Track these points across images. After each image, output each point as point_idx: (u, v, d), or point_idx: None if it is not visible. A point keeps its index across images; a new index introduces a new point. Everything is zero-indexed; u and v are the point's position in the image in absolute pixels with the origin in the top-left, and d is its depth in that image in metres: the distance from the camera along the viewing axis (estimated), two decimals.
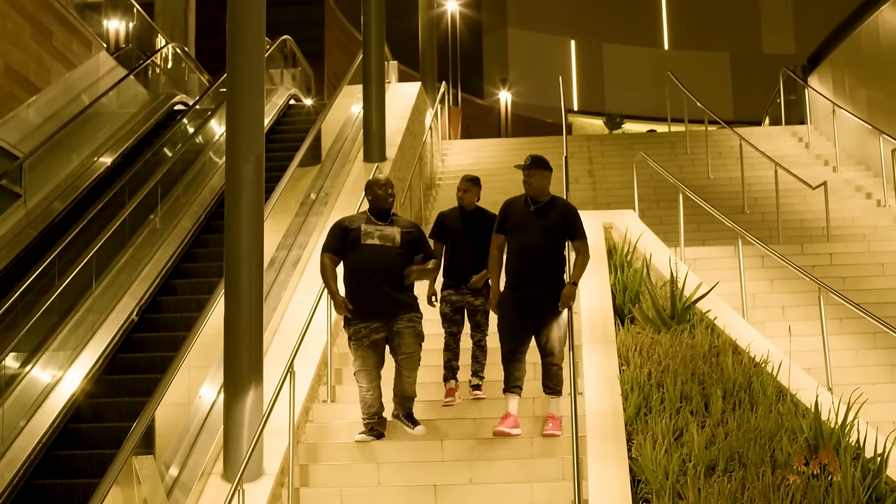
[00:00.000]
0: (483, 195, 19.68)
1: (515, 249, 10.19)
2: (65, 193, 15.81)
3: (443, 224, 11.46)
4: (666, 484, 8.69)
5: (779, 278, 14.26)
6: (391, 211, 10.42)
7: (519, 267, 10.13)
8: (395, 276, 10.08)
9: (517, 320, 10.08)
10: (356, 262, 10.12)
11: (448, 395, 11.06)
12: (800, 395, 10.25)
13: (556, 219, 10.18)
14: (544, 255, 10.07)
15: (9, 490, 10.24)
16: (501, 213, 10.47)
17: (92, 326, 12.57)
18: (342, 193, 16.01)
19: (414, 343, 10.04)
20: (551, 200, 10.35)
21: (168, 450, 10.26)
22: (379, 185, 10.39)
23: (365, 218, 10.32)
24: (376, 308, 10.02)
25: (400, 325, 10.01)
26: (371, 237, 10.12)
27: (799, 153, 21.89)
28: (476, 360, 11.17)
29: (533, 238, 10.10)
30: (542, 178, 10.34)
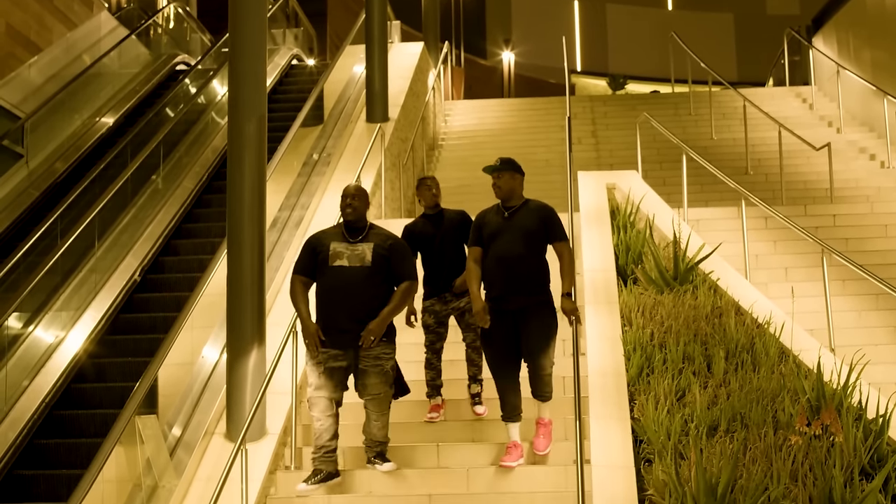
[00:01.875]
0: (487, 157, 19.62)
1: (492, 258, 9.34)
2: (67, 154, 15.79)
3: (411, 234, 10.44)
4: (668, 444, 8.71)
5: (782, 239, 14.23)
6: (365, 223, 9.28)
7: (497, 276, 9.29)
8: (362, 302, 8.93)
9: (504, 345, 9.24)
10: (323, 286, 9.06)
11: (432, 410, 10.30)
12: (802, 356, 10.25)
13: (532, 221, 9.39)
14: (523, 261, 9.25)
15: (12, 449, 10.28)
16: (475, 224, 9.62)
17: (94, 286, 12.57)
18: (344, 154, 15.98)
19: (380, 384, 8.96)
20: (524, 203, 9.55)
21: (171, 409, 10.29)
22: (343, 195, 9.32)
23: (338, 234, 9.22)
24: (338, 337, 8.90)
25: (365, 363, 8.93)
26: (340, 258, 9.02)
27: (803, 114, 21.84)
28: (472, 362, 10.30)
29: (508, 244, 9.29)
30: (512, 180, 9.51)
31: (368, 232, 9.20)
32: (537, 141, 21.46)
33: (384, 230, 9.33)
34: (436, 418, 10.27)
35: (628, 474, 8.57)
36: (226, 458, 8.68)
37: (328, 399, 8.90)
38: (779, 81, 26.65)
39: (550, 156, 20.18)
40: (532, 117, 23.35)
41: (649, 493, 8.40)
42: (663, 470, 8.35)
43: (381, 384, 8.97)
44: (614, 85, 43.39)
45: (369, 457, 9.16)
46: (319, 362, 8.89)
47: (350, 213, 9.17)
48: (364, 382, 8.95)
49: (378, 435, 9.09)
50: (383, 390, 9.00)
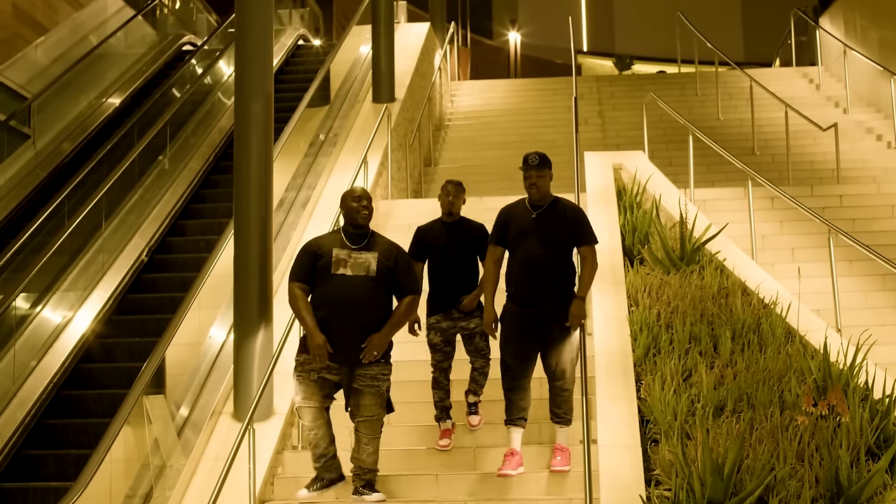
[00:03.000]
0: (493, 137, 19.56)
1: (518, 261, 8.89)
2: (74, 134, 15.80)
3: (423, 240, 9.80)
4: (674, 424, 8.72)
5: (788, 220, 14.23)
6: (368, 230, 8.67)
7: (524, 280, 8.84)
8: (365, 315, 8.36)
9: (523, 342, 8.84)
10: (324, 296, 8.42)
11: (443, 437, 9.59)
12: (809, 337, 10.26)
13: (563, 224, 8.95)
14: (552, 266, 8.83)
15: (21, 429, 10.32)
16: (499, 221, 9.12)
17: (102, 267, 12.60)
18: (351, 134, 15.98)
19: (375, 406, 8.37)
20: (554, 202, 9.07)
21: (178, 389, 10.32)
22: (353, 196, 8.64)
23: (338, 240, 8.58)
24: (336, 351, 8.29)
25: (361, 383, 8.34)
26: (342, 266, 8.41)
27: (809, 94, 21.80)
28: (475, 381, 9.69)
29: (538, 248, 8.82)
30: (549, 179, 9.09)
31: (370, 239, 8.61)
32: (543, 121, 21.44)
33: (385, 238, 8.76)
34: (447, 446, 9.54)
35: (635, 454, 8.59)
36: (233, 438, 8.71)
37: (318, 408, 8.40)
38: (785, 62, 26.58)
39: (557, 136, 20.16)
40: (538, 98, 23.33)
41: (656, 472, 8.42)
42: (670, 450, 8.37)
43: (376, 406, 8.37)
44: (620, 65, 43.33)
45: (357, 486, 8.52)
46: (312, 369, 8.33)
47: (365, 217, 8.57)
48: (358, 403, 8.35)
49: (368, 462, 8.44)
50: (378, 413, 8.40)
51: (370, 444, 8.41)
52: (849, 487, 7.79)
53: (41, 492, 9.66)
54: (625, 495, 8.15)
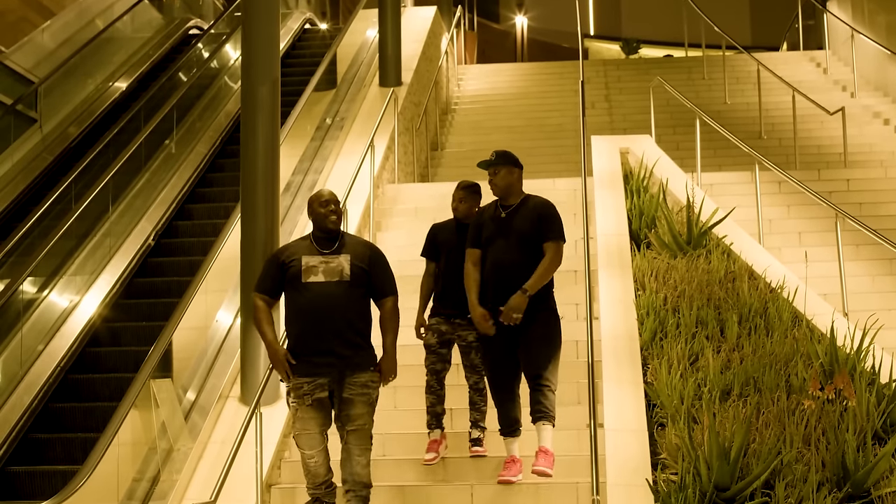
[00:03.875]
0: (500, 121, 19.53)
1: (488, 265, 8.59)
2: (80, 118, 15.79)
3: (434, 239, 9.46)
4: (681, 408, 8.72)
5: (795, 204, 14.22)
6: (339, 232, 8.21)
7: (494, 284, 8.51)
8: (345, 321, 7.92)
9: (502, 350, 8.52)
10: (298, 306, 8.01)
11: (430, 450, 9.13)
12: (815, 321, 10.25)
13: (529, 222, 8.59)
14: (520, 267, 8.44)
15: (28, 413, 10.33)
16: (473, 223, 8.87)
17: (109, 251, 12.61)
18: (357, 118, 15.97)
19: (366, 415, 7.90)
20: (523, 201, 8.75)
21: (185, 373, 10.33)
22: (319, 201, 8.17)
23: (307, 247, 8.14)
24: (321, 364, 7.88)
25: (350, 391, 7.88)
26: (314, 273, 7.96)
27: (817, 79, 21.77)
28: (475, 406, 9.15)
29: (505, 249, 8.52)
30: (510, 175, 8.73)
31: (341, 242, 8.15)
32: (550, 105, 21.43)
33: (357, 238, 8.42)
34: (433, 460, 9.10)
35: (641, 438, 8.60)
36: (240, 422, 8.72)
37: (318, 434, 7.93)
38: (793, 45, 26.55)
39: (563, 120, 20.16)
40: (545, 82, 23.31)
41: (662, 456, 8.43)
42: (676, 434, 8.37)
43: (367, 415, 7.91)
44: (627, 49, 43.17)
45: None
46: (306, 394, 7.86)
47: (334, 222, 8.12)
48: (349, 413, 7.86)
49: (363, 475, 7.87)
50: (369, 422, 7.92)
51: (363, 455, 7.88)
52: (855, 471, 7.80)
53: (49, 475, 9.68)
54: (631, 479, 8.16)
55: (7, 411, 10.25)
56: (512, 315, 8.30)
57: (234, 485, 8.36)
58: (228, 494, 8.20)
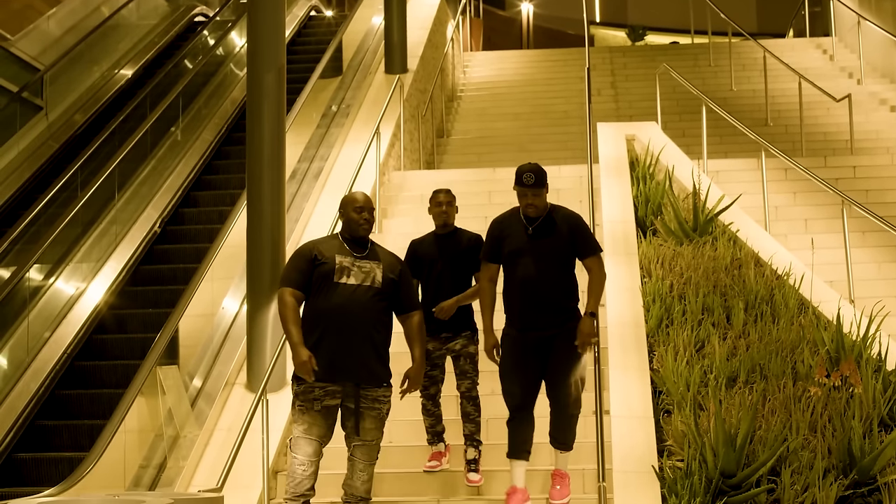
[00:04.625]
0: (506, 108, 19.49)
1: (515, 283, 8.09)
2: (86, 106, 15.81)
3: (415, 254, 8.95)
4: (687, 395, 8.73)
5: (802, 191, 14.20)
6: (368, 239, 7.80)
7: (521, 304, 8.06)
8: (369, 330, 7.50)
9: (525, 369, 8.05)
10: (324, 307, 7.51)
11: (433, 459, 8.92)
12: (822, 308, 10.25)
13: (561, 237, 8.09)
14: (551, 285, 8.03)
15: (35, 400, 10.36)
16: (491, 235, 8.27)
17: (115, 238, 12.63)
18: (363, 105, 15.96)
19: (375, 430, 7.53)
20: (550, 213, 8.17)
21: (192, 360, 10.35)
22: (354, 206, 7.72)
23: (338, 245, 7.67)
24: (340, 370, 7.44)
25: (363, 404, 7.48)
26: (347, 274, 7.51)
27: (823, 65, 21.71)
28: (468, 417, 8.74)
29: (535, 267, 8.01)
30: (545, 195, 8.14)
31: (372, 248, 7.75)
32: (556, 92, 21.40)
33: (386, 249, 7.91)
34: (436, 467, 8.89)
35: (647, 425, 8.60)
36: (246, 409, 8.74)
37: (319, 442, 7.47)
38: (799, 32, 26.49)
39: (569, 107, 20.14)
40: (551, 69, 23.27)
41: (668, 443, 8.43)
42: (682, 420, 8.38)
43: (376, 430, 7.54)
44: (633, 36, 43.14)
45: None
46: (316, 399, 7.43)
47: (366, 230, 7.73)
48: (358, 426, 7.50)
49: (362, 489, 7.52)
50: (377, 437, 7.55)
51: (365, 470, 7.53)
52: (861, 458, 7.80)
53: (55, 462, 9.70)
54: (637, 466, 8.16)
55: (14, 398, 10.27)
56: (591, 340, 7.89)
57: (241, 471, 8.38)
58: (235, 481, 8.22)
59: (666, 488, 7.88)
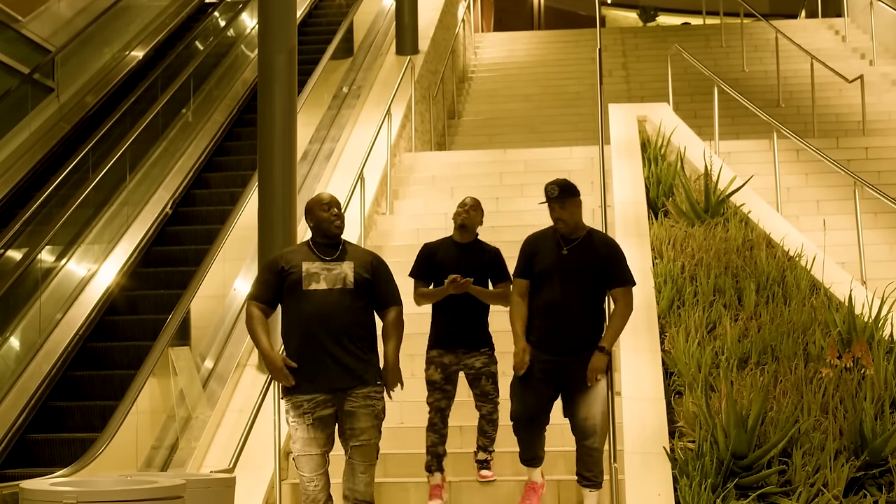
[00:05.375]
0: (517, 89, 19.38)
1: (542, 304, 7.77)
2: (97, 87, 15.81)
3: (430, 260, 8.56)
4: (698, 376, 8.72)
5: (814, 172, 14.17)
6: (341, 240, 7.47)
7: (547, 326, 7.73)
8: (348, 332, 7.21)
9: (539, 389, 7.75)
10: (297, 317, 7.28)
11: (433, 496, 8.41)
12: (833, 289, 10.23)
13: (597, 263, 7.76)
14: (580, 312, 7.73)
15: (47, 381, 10.38)
16: (525, 251, 7.95)
17: (126, 219, 12.64)
18: (374, 87, 15.95)
19: (371, 429, 7.24)
20: (588, 237, 7.85)
21: (203, 341, 10.37)
22: (321, 205, 7.44)
23: (306, 253, 7.39)
24: (322, 378, 7.18)
25: (353, 404, 7.20)
26: (315, 280, 7.24)
27: (835, 46, 21.65)
28: (484, 433, 8.49)
29: (565, 290, 7.68)
30: (576, 207, 7.79)
31: (343, 249, 7.44)
32: (568, 73, 21.38)
33: (359, 247, 7.71)
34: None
35: (659, 406, 8.60)
36: (258, 390, 8.75)
37: (321, 455, 7.23)
38: (811, 13, 26.43)
39: (581, 88, 20.12)
40: (562, 50, 23.24)
41: (679, 424, 8.43)
42: (694, 402, 8.37)
43: (372, 429, 7.24)
44: (645, 17, 43.02)
45: None
46: (306, 412, 7.17)
47: (338, 227, 7.42)
48: (353, 426, 7.20)
49: (365, 493, 7.29)
50: (374, 436, 7.26)
51: (366, 471, 7.27)
52: (873, 440, 7.79)
53: (68, 442, 9.73)
54: (649, 447, 8.16)
55: (26, 379, 10.30)
56: (595, 375, 7.60)
57: (253, 452, 8.41)
58: (247, 462, 8.24)
59: (677, 469, 7.88)
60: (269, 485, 8.56)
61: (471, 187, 13.99)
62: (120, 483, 5.57)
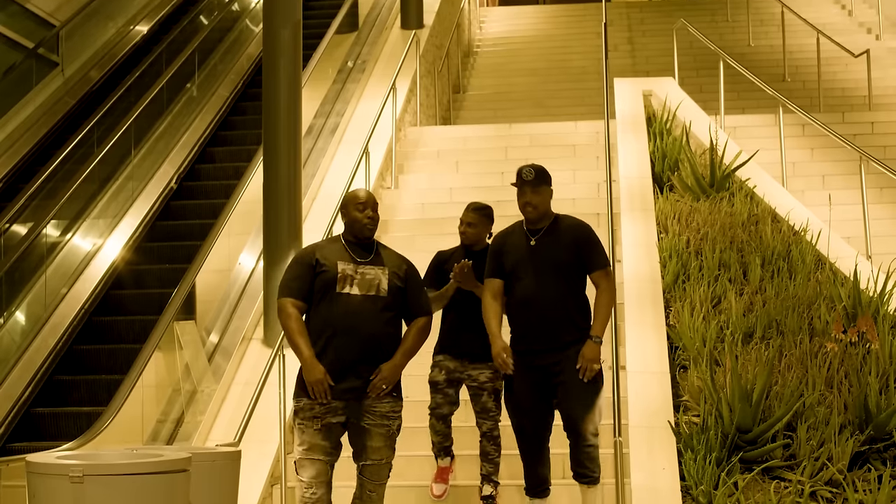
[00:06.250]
0: (522, 63, 19.27)
1: (518, 301, 7.29)
2: (102, 62, 15.77)
3: (441, 268, 8.19)
4: (703, 351, 8.73)
5: (819, 147, 14.15)
6: (374, 241, 7.06)
7: (524, 324, 7.26)
8: (375, 342, 6.81)
9: (533, 399, 7.23)
10: (325, 317, 6.84)
11: (439, 479, 8.23)
12: (839, 264, 10.23)
13: (565, 249, 7.26)
14: (556, 304, 7.17)
15: (53, 355, 10.41)
16: (493, 250, 7.48)
17: (131, 194, 12.65)
18: (379, 61, 15.92)
19: (385, 448, 6.84)
20: (554, 223, 7.38)
21: (209, 315, 10.37)
22: (356, 203, 7.00)
23: (340, 250, 6.94)
24: (341, 386, 6.74)
25: (369, 421, 6.79)
26: (349, 283, 6.80)
27: (841, 21, 21.58)
28: (487, 457, 7.96)
29: (540, 282, 7.19)
30: (548, 196, 7.37)
31: (377, 251, 7.01)
32: (573, 48, 21.33)
33: (393, 251, 7.17)
34: (442, 495, 8.21)
35: (664, 380, 8.61)
36: (263, 364, 8.76)
37: (324, 463, 6.77)
38: None
39: (586, 63, 20.07)
40: (568, 24, 23.19)
41: (684, 398, 8.44)
42: (698, 376, 8.39)
43: (386, 448, 6.85)
44: None
45: None
46: (316, 416, 6.75)
47: (371, 230, 7.01)
48: (365, 444, 6.81)
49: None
50: (387, 455, 6.87)
51: (375, 490, 6.92)
52: (877, 414, 7.80)
53: (73, 416, 9.76)
54: (653, 421, 8.18)
55: (32, 353, 10.33)
56: (593, 367, 7.07)
57: (258, 426, 8.41)
58: (252, 435, 8.25)
59: (682, 443, 7.89)
60: (274, 458, 8.56)
61: (476, 161, 14.00)
62: (126, 456, 5.58)
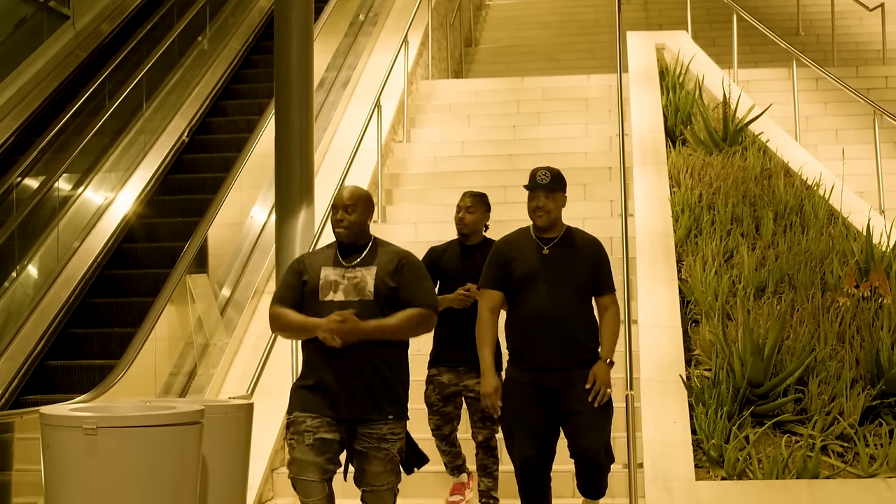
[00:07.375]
0: (535, 17, 19.11)
1: (526, 314, 6.54)
2: (113, 15, 15.72)
3: (435, 265, 7.50)
4: (715, 305, 8.73)
5: (833, 101, 14.09)
6: (370, 237, 6.26)
7: (534, 340, 6.49)
8: (364, 353, 6.00)
9: (537, 423, 6.47)
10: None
11: (455, 492, 7.80)
12: (851, 219, 10.21)
13: (584, 265, 6.64)
14: (570, 321, 6.51)
15: (66, 308, 10.44)
16: (498, 259, 6.68)
17: (143, 147, 12.63)
18: (391, 13, 15.84)
19: (385, 474, 6.06)
20: (568, 234, 6.72)
21: (221, 269, 10.39)
22: (334, 205, 6.24)
23: (329, 255, 6.24)
24: (330, 402, 6.02)
25: (365, 444, 6.03)
26: (332, 290, 6.09)
27: None
28: (486, 470, 7.48)
29: (552, 296, 6.49)
30: (561, 203, 6.71)
31: (370, 251, 6.21)
32: (586, 1, 21.21)
33: (391, 246, 6.31)
34: (460, 502, 7.75)
35: (675, 334, 8.62)
36: None
37: (319, 482, 6.01)
38: None
39: (599, 16, 19.97)
40: None
41: (696, 352, 8.45)
42: (710, 330, 8.39)
43: (387, 474, 6.08)
44: None
45: None
46: (307, 430, 6.00)
47: (344, 234, 6.19)
48: (363, 469, 6.08)
49: None
50: (388, 481, 6.10)
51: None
52: (889, 369, 7.81)
53: (86, 369, 9.79)
54: (665, 375, 8.19)
55: (45, 307, 10.35)
56: (603, 389, 6.41)
57: (270, 379, 8.44)
58: (264, 388, 8.28)
59: (693, 397, 7.91)
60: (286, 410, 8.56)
61: (488, 115, 13.96)
62: (139, 408, 5.60)
